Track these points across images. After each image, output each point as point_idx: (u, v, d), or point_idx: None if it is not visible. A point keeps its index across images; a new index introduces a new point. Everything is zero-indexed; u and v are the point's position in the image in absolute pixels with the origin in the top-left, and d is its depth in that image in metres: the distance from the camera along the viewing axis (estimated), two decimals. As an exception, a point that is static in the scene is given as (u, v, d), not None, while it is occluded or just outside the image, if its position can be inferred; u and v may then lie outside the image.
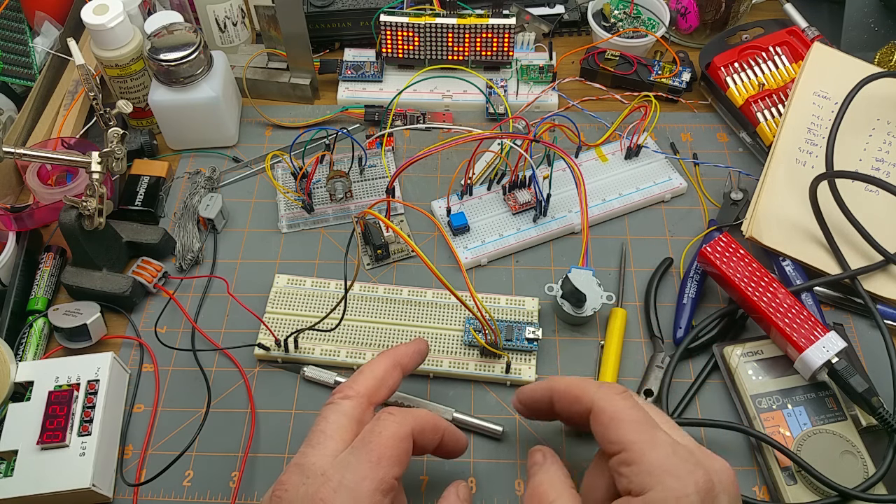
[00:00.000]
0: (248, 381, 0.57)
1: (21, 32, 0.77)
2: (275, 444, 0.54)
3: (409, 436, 0.43)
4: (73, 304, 0.59)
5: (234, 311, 0.61)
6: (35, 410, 0.52)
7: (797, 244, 0.60)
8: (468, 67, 0.75)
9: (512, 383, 0.57)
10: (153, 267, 0.62)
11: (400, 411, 0.44)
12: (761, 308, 0.55)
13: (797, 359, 0.53)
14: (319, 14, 0.77)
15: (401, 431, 0.42)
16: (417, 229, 0.66)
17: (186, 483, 0.53)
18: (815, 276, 0.60)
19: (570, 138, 0.69)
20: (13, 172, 0.68)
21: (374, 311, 0.60)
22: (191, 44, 0.65)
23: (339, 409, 0.44)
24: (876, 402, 0.50)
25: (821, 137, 0.65)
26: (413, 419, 0.44)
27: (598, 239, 0.65)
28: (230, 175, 0.71)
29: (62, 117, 0.72)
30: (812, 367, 0.52)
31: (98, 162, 0.57)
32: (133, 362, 0.59)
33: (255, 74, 0.75)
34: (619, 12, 0.80)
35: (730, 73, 0.72)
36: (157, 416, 0.56)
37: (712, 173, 0.69)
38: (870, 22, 0.76)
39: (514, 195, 0.66)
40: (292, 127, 0.74)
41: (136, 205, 0.66)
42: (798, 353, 0.52)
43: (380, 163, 0.70)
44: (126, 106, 0.58)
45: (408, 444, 0.43)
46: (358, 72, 0.76)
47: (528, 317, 0.59)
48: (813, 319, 0.53)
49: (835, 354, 0.51)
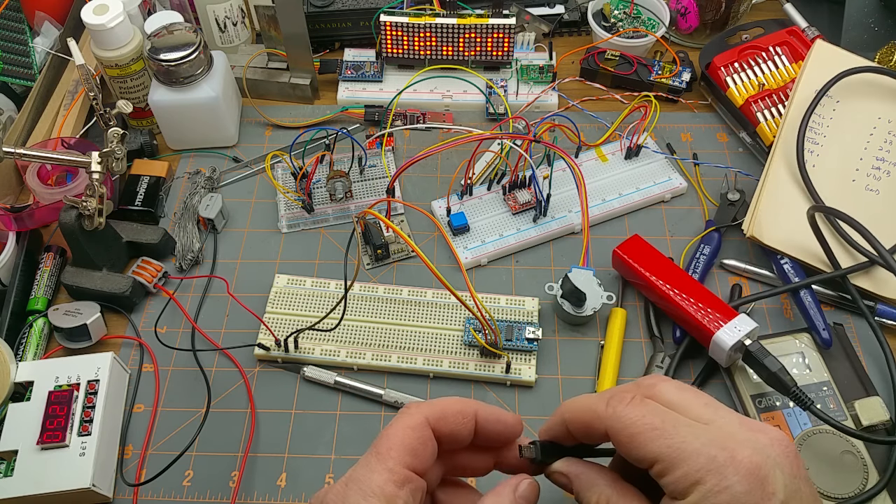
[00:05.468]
0: (248, 381, 0.57)
1: (21, 32, 0.77)
2: (275, 444, 0.54)
3: (423, 424, 0.40)
4: (73, 304, 0.59)
5: (234, 311, 0.61)
6: (35, 410, 0.52)
7: (797, 244, 0.60)
8: (468, 67, 0.75)
9: (512, 383, 0.57)
10: (153, 267, 0.62)
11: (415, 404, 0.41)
12: (672, 298, 0.56)
13: (710, 342, 0.53)
14: (319, 14, 0.77)
15: (411, 421, 0.40)
16: (417, 229, 0.66)
17: (186, 483, 0.53)
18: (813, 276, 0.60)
19: (570, 138, 0.69)
20: (13, 172, 0.68)
21: (374, 311, 0.59)
22: (191, 44, 0.65)
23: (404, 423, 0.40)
24: (789, 381, 0.50)
25: (822, 136, 0.65)
26: (428, 407, 0.40)
27: (598, 239, 0.65)
28: (230, 175, 0.71)
29: (62, 117, 0.72)
30: (725, 348, 0.52)
31: (98, 162, 0.56)
32: (133, 362, 0.59)
33: (255, 74, 0.75)
34: (619, 12, 0.80)
35: (730, 73, 0.72)
36: (157, 416, 0.56)
37: (712, 173, 0.69)
38: (870, 22, 0.76)
39: (514, 195, 0.66)
40: (292, 127, 0.74)
41: (136, 205, 0.66)
42: (710, 337, 0.53)
43: (380, 163, 0.69)
44: (126, 106, 0.58)
45: (422, 433, 0.40)
46: (358, 72, 0.76)
47: (528, 317, 0.59)
48: (723, 305, 0.54)
49: (746, 335, 0.52)
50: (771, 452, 0.36)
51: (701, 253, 0.62)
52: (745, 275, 0.62)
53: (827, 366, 0.55)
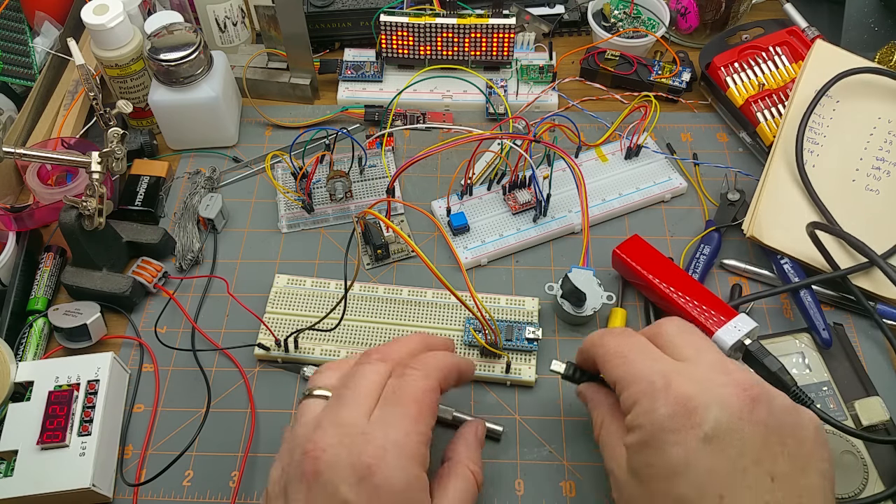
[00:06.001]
0: (248, 381, 0.57)
1: (21, 32, 0.77)
2: (275, 444, 0.54)
3: (438, 387, 0.43)
4: (73, 304, 0.59)
5: (234, 311, 0.61)
6: (35, 410, 0.52)
7: (797, 244, 0.60)
8: (468, 67, 0.75)
9: (512, 383, 0.57)
10: (153, 267, 0.62)
11: (421, 364, 0.44)
12: (672, 298, 0.56)
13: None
14: (319, 14, 0.77)
15: (430, 384, 0.43)
16: (417, 229, 0.66)
17: (186, 483, 0.53)
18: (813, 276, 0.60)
19: (570, 138, 0.69)
20: (13, 172, 0.68)
21: (374, 311, 0.59)
22: (191, 44, 0.65)
23: (377, 370, 0.43)
24: (789, 380, 0.50)
25: (822, 136, 0.65)
26: (437, 370, 0.44)
27: (598, 239, 0.65)
28: (230, 175, 0.71)
29: (62, 117, 0.72)
30: (725, 347, 0.52)
31: (98, 162, 0.57)
32: (133, 362, 0.59)
33: (255, 74, 0.75)
34: (619, 12, 0.80)
35: (730, 73, 0.72)
36: (157, 416, 0.56)
37: (712, 173, 0.69)
38: (870, 22, 0.76)
39: (514, 195, 0.66)
40: (292, 127, 0.74)
41: (136, 205, 0.66)
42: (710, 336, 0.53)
43: (380, 163, 0.70)
44: (126, 106, 0.58)
45: (437, 395, 0.43)
46: (358, 72, 0.76)
47: (528, 317, 0.59)
48: (723, 305, 0.54)
49: (745, 335, 0.52)
50: (718, 391, 0.39)
51: (701, 253, 0.62)
52: (745, 275, 0.62)
53: (827, 366, 0.55)
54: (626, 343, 0.44)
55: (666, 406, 0.39)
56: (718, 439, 0.37)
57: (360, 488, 0.37)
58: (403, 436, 0.39)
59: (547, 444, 0.54)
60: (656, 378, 0.40)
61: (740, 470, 0.37)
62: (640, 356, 0.42)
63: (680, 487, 0.37)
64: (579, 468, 0.53)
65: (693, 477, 0.37)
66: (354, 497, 0.37)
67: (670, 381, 0.39)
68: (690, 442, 0.37)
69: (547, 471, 0.53)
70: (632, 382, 0.41)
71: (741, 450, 0.37)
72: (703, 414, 0.38)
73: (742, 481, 0.37)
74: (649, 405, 0.39)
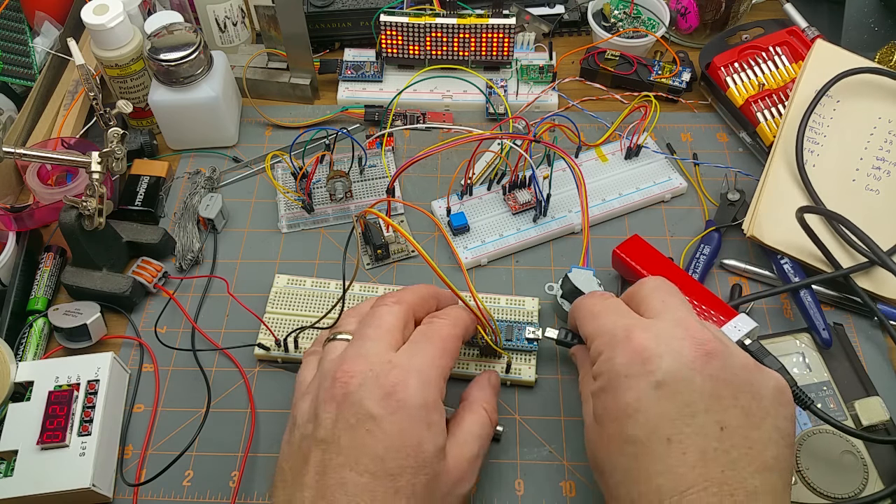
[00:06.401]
0: (248, 381, 0.57)
1: (21, 32, 0.77)
2: (275, 444, 0.54)
3: (462, 336, 0.48)
4: (73, 304, 0.59)
5: (234, 311, 0.61)
6: (35, 410, 0.52)
7: (797, 243, 0.60)
8: (468, 67, 0.75)
9: (512, 383, 0.57)
10: (153, 267, 0.62)
11: (448, 315, 0.48)
12: None
13: None
14: (319, 14, 0.77)
15: (455, 332, 0.47)
16: (417, 229, 0.66)
17: (186, 483, 0.53)
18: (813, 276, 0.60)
19: (570, 138, 0.69)
20: (13, 172, 0.68)
21: (374, 311, 0.59)
22: (191, 44, 0.65)
23: (394, 311, 0.47)
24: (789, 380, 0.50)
25: (822, 136, 0.65)
26: (462, 321, 0.49)
27: (598, 239, 0.65)
28: (230, 175, 0.71)
29: (62, 117, 0.72)
30: None
31: (98, 162, 0.57)
32: (133, 362, 0.59)
33: (255, 74, 0.75)
34: (619, 12, 0.80)
35: (730, 73, 0.72)
36: (157, 416, 0.56)
37: (712, 173, 0.69)
38: (870, 22, 0.76)
39: (514, 195, 0.66)
40: (292, 127, 0.74)
41: (136, 205, 0.66)
42: None
43: (380, 163, 0.70)
44: (126, 106, 0.58)
45: (460, 343, 0.48)
46: (358, 72, 0.76)
47: (528, 317, 0.59)
48: (723, 305, 0.54)
49: (745, 335, 0.52)
50: (675, 343, 0.41)
51: (701, 253, 0.62)
52: (745, 275, 0.62)
53: (827, 366, 0.55)
54: (598, 303, 0.48)
55: (623, 355, 0.42)
56: (668, 386, 0.40)
57: (385, 402, 0.41)
58: (427, 365, 0.43)
59: (547, 444, 0.54)
60: (619, 331, 0.43)
61: (689, 416, 0.39)
62: (609, 313, 0.46)
63: (631, 429, 0.40)
64: (579, 468, 0.53)
65: (643, 419, 0.40)
66: (379, 410, 0.41)
67: (631, 333, 0.42)
68: (642, 387, 0.40)
69: (547, 471, 0.53)
70: (597, 336, 0.45)
71: (690, 398, 0.39)
72: (657, 362, 0.40)
73: (689, 427, 0.39)
74: (609, 354, 0.43)
